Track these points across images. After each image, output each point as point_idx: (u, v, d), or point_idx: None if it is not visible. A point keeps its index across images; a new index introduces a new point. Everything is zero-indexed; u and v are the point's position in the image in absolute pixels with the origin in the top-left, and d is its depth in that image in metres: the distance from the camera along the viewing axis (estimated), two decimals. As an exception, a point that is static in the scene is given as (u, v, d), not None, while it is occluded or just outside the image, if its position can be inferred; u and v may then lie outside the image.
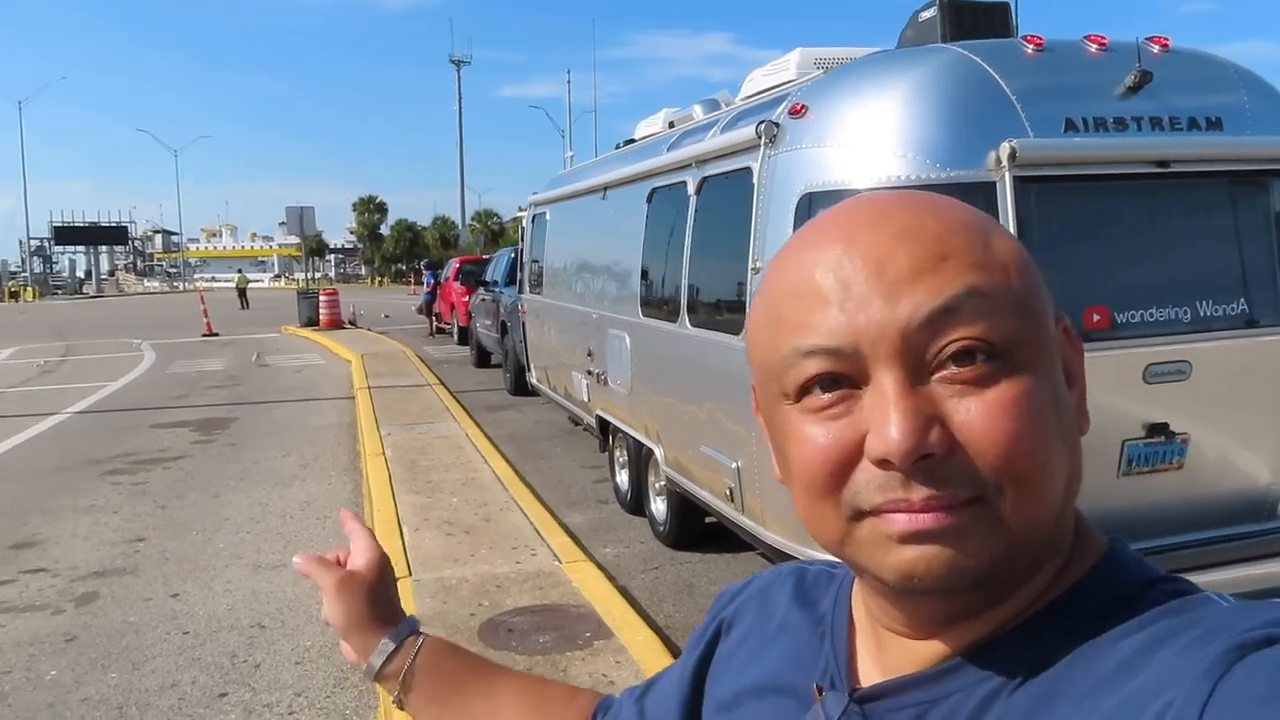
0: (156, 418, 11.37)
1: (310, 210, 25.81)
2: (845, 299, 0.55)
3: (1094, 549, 0.61)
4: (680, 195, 5.10)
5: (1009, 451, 0.53)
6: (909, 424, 0.52)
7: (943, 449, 0.53)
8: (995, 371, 0.54)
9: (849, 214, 0.59)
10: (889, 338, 0.53)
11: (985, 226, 0.58)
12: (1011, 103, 3.57)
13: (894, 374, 0.54)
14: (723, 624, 0.80)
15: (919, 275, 0.54)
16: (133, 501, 7.38)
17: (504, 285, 12.96)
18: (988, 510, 0.54)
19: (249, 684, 4.18)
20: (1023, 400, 0.54)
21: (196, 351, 19.88)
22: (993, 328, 0.54)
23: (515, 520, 6.13)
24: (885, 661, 0.64)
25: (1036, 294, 0.57)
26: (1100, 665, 0.54)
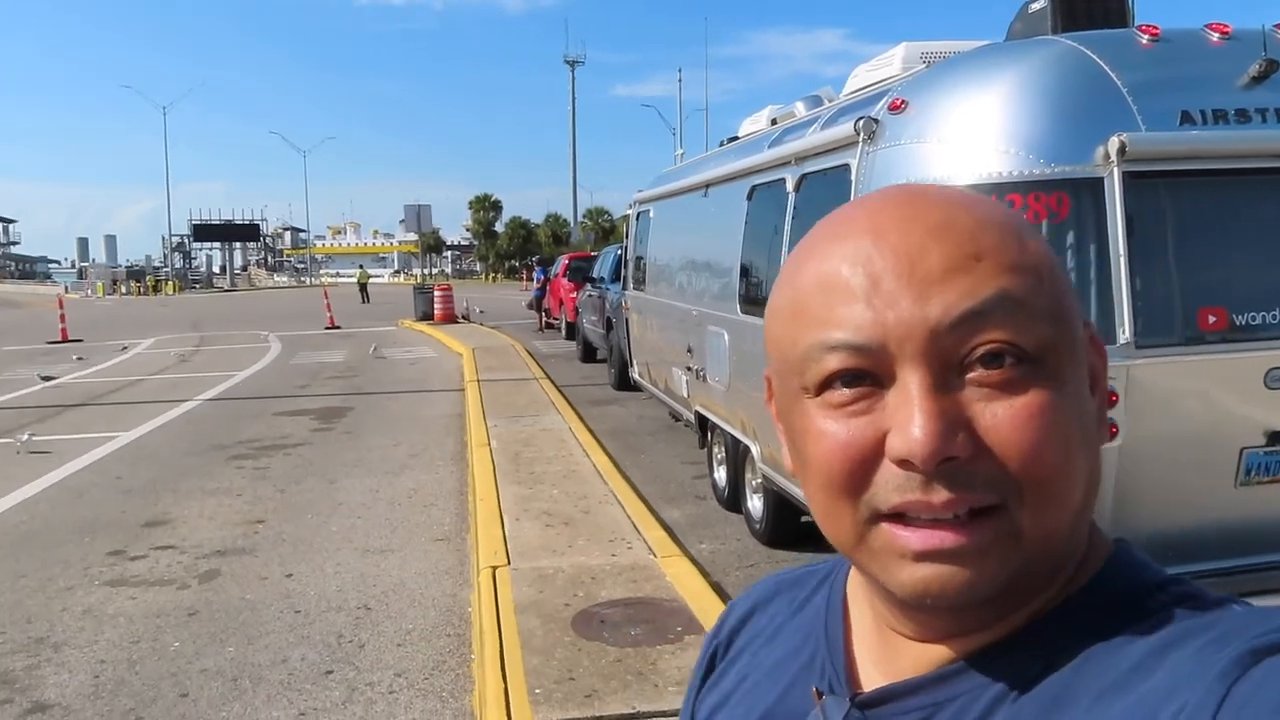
0: (279, 406, 11.93)
1: (427, 208, 26.61)
2: (873, 294, 0.53)
3: (1101, 551, 0.60)
4: (780, 193, 5.07)
5: (1034, 459, 0.52)
6: (934, 425, 0.51)
7: (966, 452, 0.52)
8: (1024, 376, 0.53)
9: (878, 206, 0.57)
10: (917, 338, 0.52)
11: (1018, 226, 0.57)
12: (1123, 95, 3.42)
13: (920, 374, 0.52)
14: (716, 651, 0.78)
15: (951, 274, 0.53)
16: (255, 485, 7.78)
17: (610, 282, 13.10)
18: (1006, 521, 0.53)
19: (353, 663, 4.36)
20: (1050, 408, 0.53)
21: (319, 344, 20.75)
22: (1023, 332, 0.53)
23: (613, 513, 6.20)
24: (888, 663, 0.62)
25: (1066, 299, 0.56)
26: (1111, 668, 0.53)
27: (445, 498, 7.24)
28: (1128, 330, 3.27)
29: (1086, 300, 3.36)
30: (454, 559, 5.80)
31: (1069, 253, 3.37)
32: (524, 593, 4.78)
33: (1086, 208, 3.34)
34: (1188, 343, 3.33)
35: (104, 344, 21.67)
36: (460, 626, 4.76)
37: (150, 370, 16.53)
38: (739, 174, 5.96)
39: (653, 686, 3.73)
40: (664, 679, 3.79)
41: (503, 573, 5.07)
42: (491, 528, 5.90)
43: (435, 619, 4.87)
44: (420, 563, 5.73)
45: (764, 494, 5.68)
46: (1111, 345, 3.29)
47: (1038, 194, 3.37)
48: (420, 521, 6.61)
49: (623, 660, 3.98)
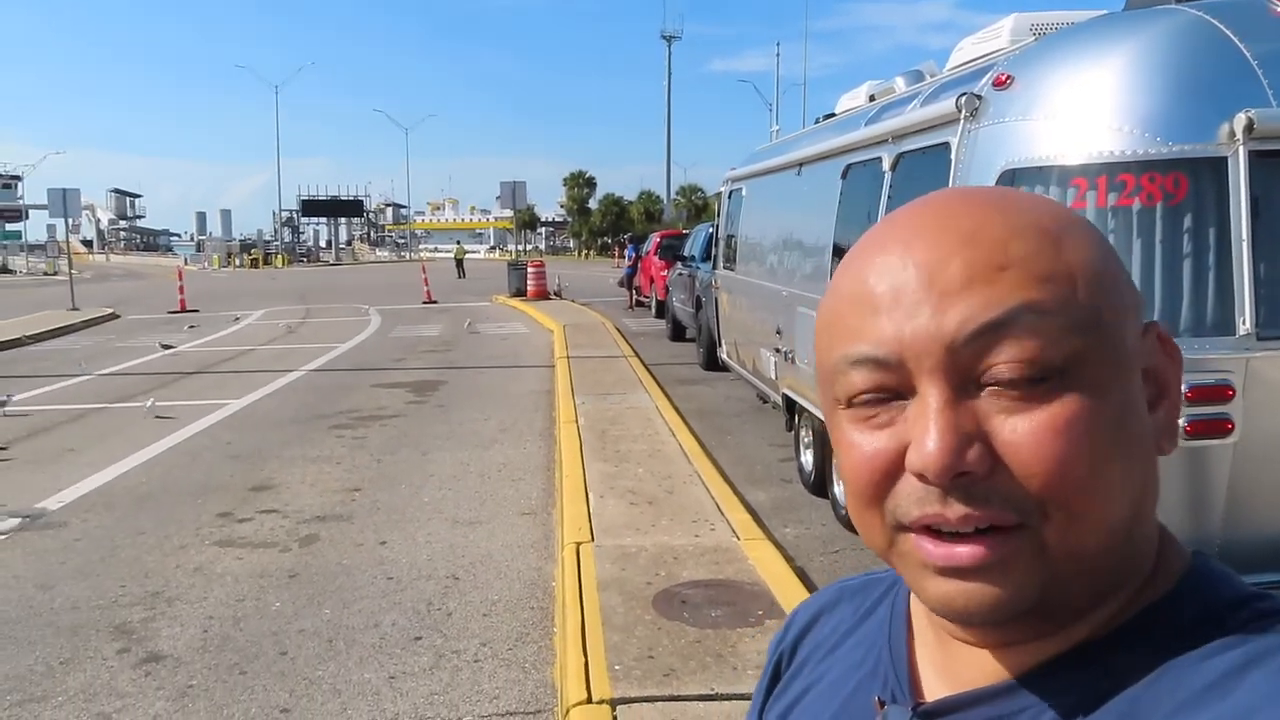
0: (377, 378, 12.26)
1: (522, 185, 26.90)
2: (895, 307, 0.53)
3: (1177, 565, 0.57)
4: (875, 172, 4.93)
5: (1055, 475, 0.50)
6: (946, 441, 0.50)
7: (982, 468, 0.51)
8: (1048, 390, 0.51)
9: (916, 213, 0.56)
10: (934, 351, 0.52)
11: (1060, 229, 0.54)
12: (1252, 68, 3.21)
13: (937, 387, 0.52)
14: (781, 660, 0.78)
15: (971, 285, 0.51)
16: (353, 454, 8.01)
17: (700, 260, 13.03)
18: (1030, 538, 0.51)
19: (441, 630, 4.46)
20: (1076, 421, 0.51)
21: (416, 318, 21.23)
22: (1047, 346, 0.51)
23: (697, 494, 6.18)
24: (951, 673, 0.61)
25: (1111, 305, 0.54)
26: (1186, 686, 0.50)
27: (532, 473, 7.33)
28: (1248, 321, 3.08)
29: (1203, 289, 3.17)
30: (539, 533, 5.87)
31: (1185, 237, 3.19)
32: (606, 570, 4.80)
33: (1206, 189, 3.15)
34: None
35: (218, 314, 22.61)
36: (544, 600, 4.82)
37: (260, 341, 17.18)
38: (834, 152, 5.82)
39: (731, 669, 3.71)
40: (743, 662, 3.76)
41: (586, 549, 5.11)
42: (577, 504, 5.95)
43: (520, 591, 4.94)
44: (507, 535, 5.82)
45: (853, 479, 5.58)
46: (1230, 337, 3.11)
47: (1153, 174, 3.19)
48: (508, 495, 6.71)
49: (702, 641, 3.96)
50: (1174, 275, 3.17)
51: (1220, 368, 3.10)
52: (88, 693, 3.93)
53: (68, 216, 24.31)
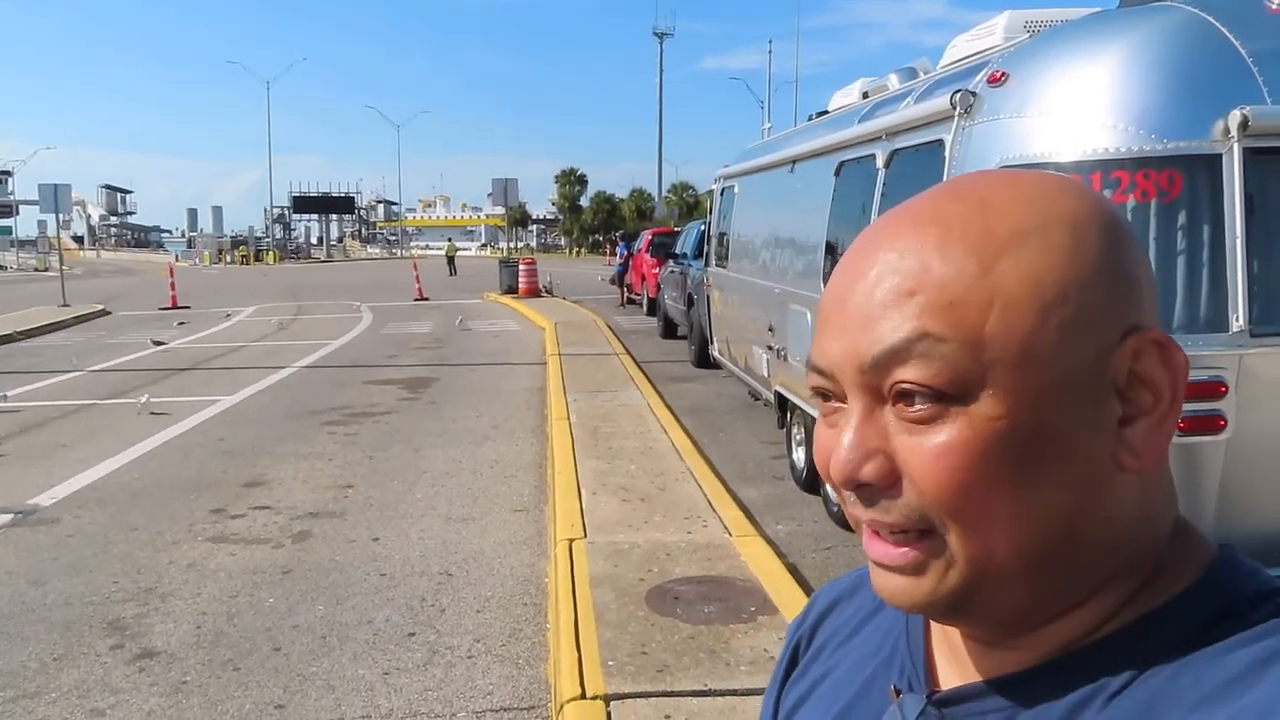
0: (369, 375, 12.23)
1: (514, 182, 26.85)
2: (832, 322, 0.57)
3: (1200, 557, 0.57)
4: (869, 169, 4.94)
5: (940, 496, 0.53)
6: (850, 453, 0.54)
7: (882, 481, 0.54)
8: (939, 413, 0.52)
9: (875, 226, 0.58)
10: (849, 369, 0.55)
11: (1014, 239, 0.52)
12: (1247, 66, 3.22)
13: (856, 400, 0.55)
14: (799, 644, 0.79)
15: (885, 310, 0.54)
16: (345, 451, 7.99)
17: (692, 258, 13.01)
18: (937, 544, 0.54)
19: (434, 626, 4.45)
20: (960, 448, 0.52)
21: (408, 314, 21.19)
22: (941, 372, 0.52)
23: (689, 491, 6.19)
24: (967, 664, 0.61)
25: (1040, 330, 0.51)
26: (1208, 679, 0.50)
27: (525, 469, 7.32)
28: (1242, 317, 3.10)
29: (1197, 286, 3.19)
30: (532, 530, 5.86)
31: (1179, 234, 3.20)
32: (599, 566, 4.80)
33: (1201, 186, 3.17)
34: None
35: (210, 311, 22.53)
36: (537, 596, 4.81)
37: (252, 337, 17.12)
38: (827, 149, 5.83)
39: (724, 665, 3.71)
40: (736, 658, 3.77)
41: (579, 545, 5.11)
42: (569, 501, 5.94)
43: (513, 588, 4.93)
44: (500, 532, 5.81)
45: (846, 476, 5.59)
46: (1223, 333, 3.12)
47: (1147, 171, 3.20)
48: (500, 492, 6.70)
49: (695, 637, 3.97)
50: (1168, 272, 3.18)
51: (1213, 364, 3.12)
52: (81, 689, 3.91)
53: (58, 212, 24.17)
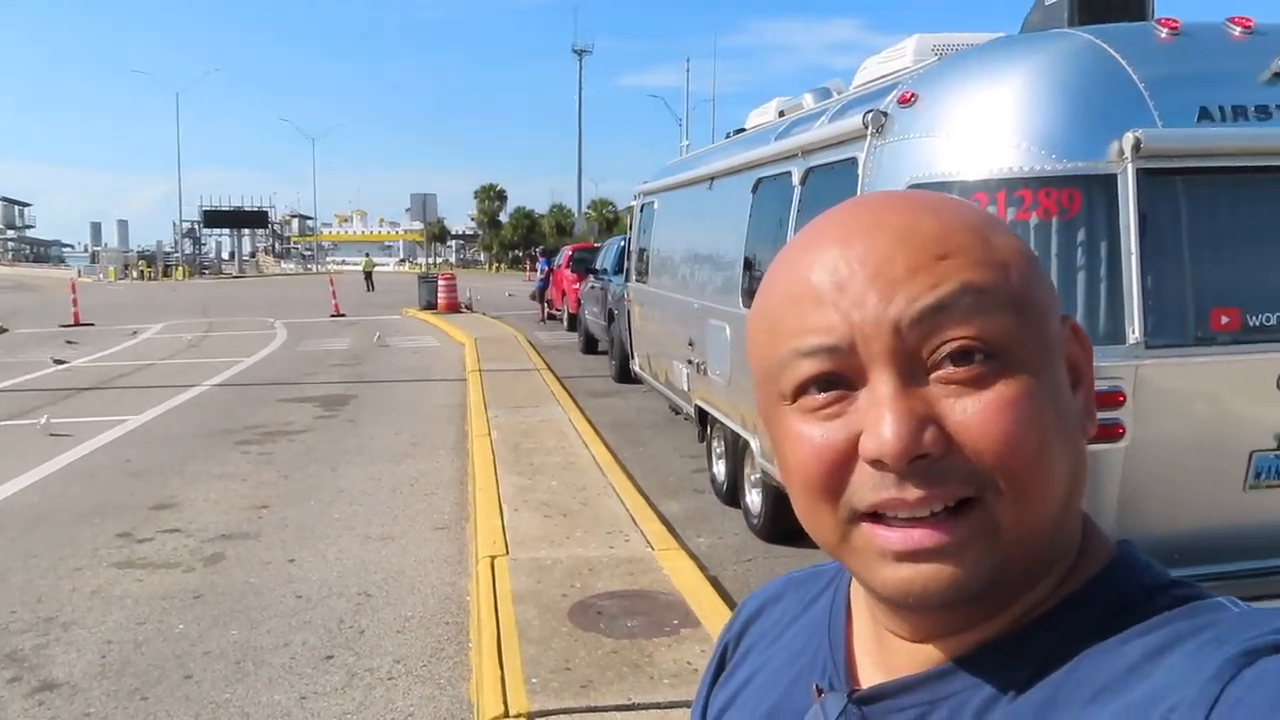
0: (285, 392, 11.94)
1: (433, 197, 26.62)
2: (841, 298, 0.54)
3: (1102, 553, 0.60)
4: (785, 186, 5.04)
5: (1007, 451, 0.52)
6: (903, 425, 0.52)
7: (938, 449, 0.52)
8: (993, 371, 0.53)
9: (846, 216, 0.58)
10: (883, 335, 0.53)
11: (986, 225, 0.57)
12: (1139, 90, 3.38)
13: (889, 372, 0.53)
14: (727, 648, 0.80)
15: (914, 273, 0.53)
16: (260, 470, 7.78)
17: (613, 273, 13.06)
18: (984, 515, 0.53)
19: (353, 648, 4.36)
20: (1021, 400, 0.53)
21: (324, 331, 20.76)
22: (989, 326, 0.53)
23: (611, 505, 6.19)
24: (886, 662, 0.63)
25: (1038, 292, 0.56)
26: (1107, 669, 0.52)
27: (445, 487, 7.23)
28: (1137, 330, 3.24)
29: (1095, 299, 3.33)
30: (453, 548, 5.79)
31: (1079, 250, 3.34)
32: (522, 583, 4.76)
33: (1098, 204, 3.31)
34: (1199, 343, 3.29)
35: (115, 328, 21.69)
36: (459, 615, 4.75)
37: (160, 355, 16.55)
38: (744, 166, 5.92)
39: (648, 679, 3.72)
40: (659, 671, 3.77)
41: (501, 562, 5.06)
42: (491, 517, 5.89)
43: (434, 607, 4.86)
44: (420, 551, 5.72)
45: (763, 488, 5.66)
46: (1120, 345, 3.26)
47: (1049, 190, 3.34)
48: (421, 510, 6.60)
49: (619, 652, 3.96)
50: (1069, 286, 3.31)
51: (1111, 375, 3.25)
52: (-28, 725, 3.72)
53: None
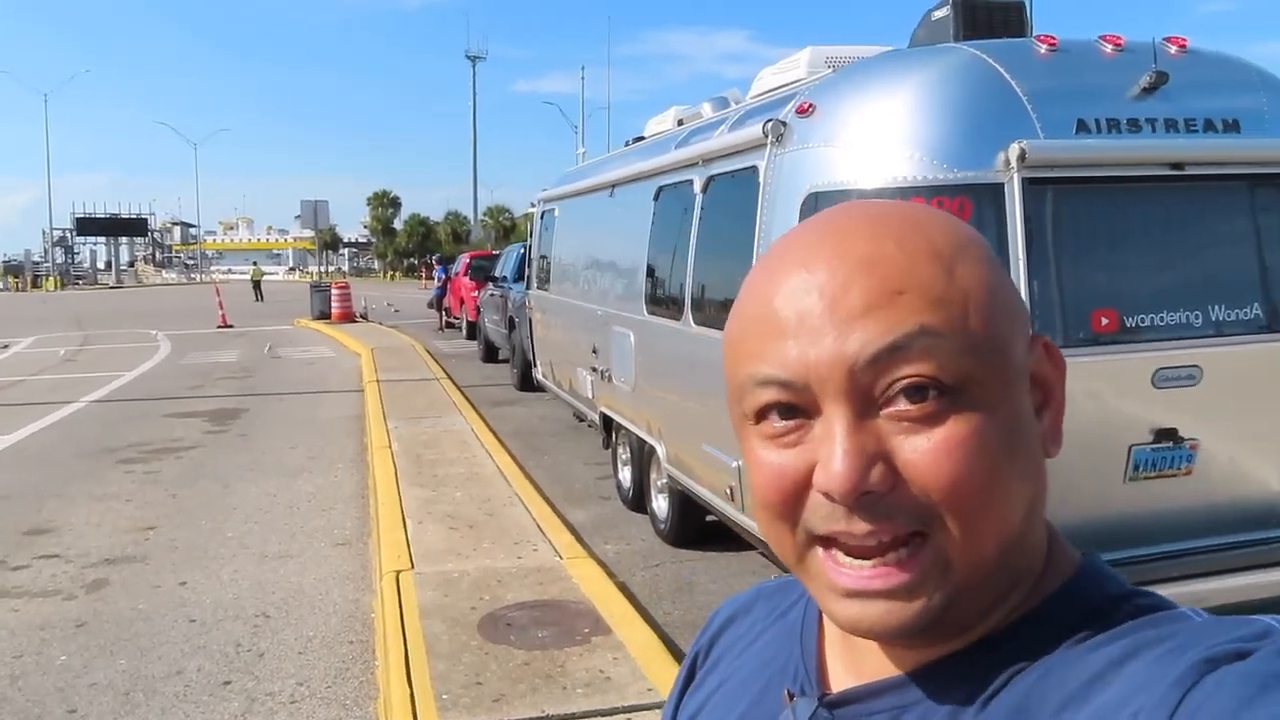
0: (170, 407, 11.45)
1: (325, 204, 25.96)
2: (799, 331, 0.55)
3: (1067, 564, 0.61)
4: (687, 193, 5.09)
5: (954, 491, 0.53)
6: (850, 461, 0.52)
7: (885, 486, 0.53)
8: (944, 409, 0.53)
9: (814, 237, 0.58)
10: (837, 375, 0.53)
11: (953, 253, 0.56)
12: (1023, 103, 3.54)
13: (842, 409, 0.54)
14: (697, 657, 0.80)
15: (871, 310, 0.53)
16: (145, 490, 7.44)
17: (512, 281, 12.96)
18: (933, 552, 0.54)
19: (253, 672, 4.20)
20: (971, 439, 0.53)
21: (211, 343, 20.00)
22: (943, 366, 0.53)
23: (518, 515, 6.13)
24: (858, 667, 0.63)
25: (1000, 325, 0.56)
26: (1072, 679, 0.54)
27: (345, 501, 7.05)
28: (1026, 331, 3.38)
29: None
30: (356, 564, 5.64)
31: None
32: (429, 597, 4.68)
33: (988, 212, 3.44)
34: (1082, 344, 3.45)
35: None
36: (364, 633, 4.63)
37: (31, 370, 15.67)
38: (646, 174, 5.96)
39: (561, 689, 3.69)
40: (572, 681, 3.76)
41: (406, 577, 4.96)
42: (394, 531, 5.77)
43: (337, 625, 4.73)
44: (320, 568, 5.56)
45: (669, 494, 5.70)
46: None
47: (941, 199, 3.46)
48: (319, 526, 6.41)
49: (531, 663, 3.93)
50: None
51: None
52: None
53: None
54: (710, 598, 4.97)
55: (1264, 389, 3.77)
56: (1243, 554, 3.83)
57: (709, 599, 4.96)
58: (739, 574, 5.29)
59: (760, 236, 4.01)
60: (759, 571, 5.25)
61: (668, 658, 3.96)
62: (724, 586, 5.11)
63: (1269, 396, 3.78)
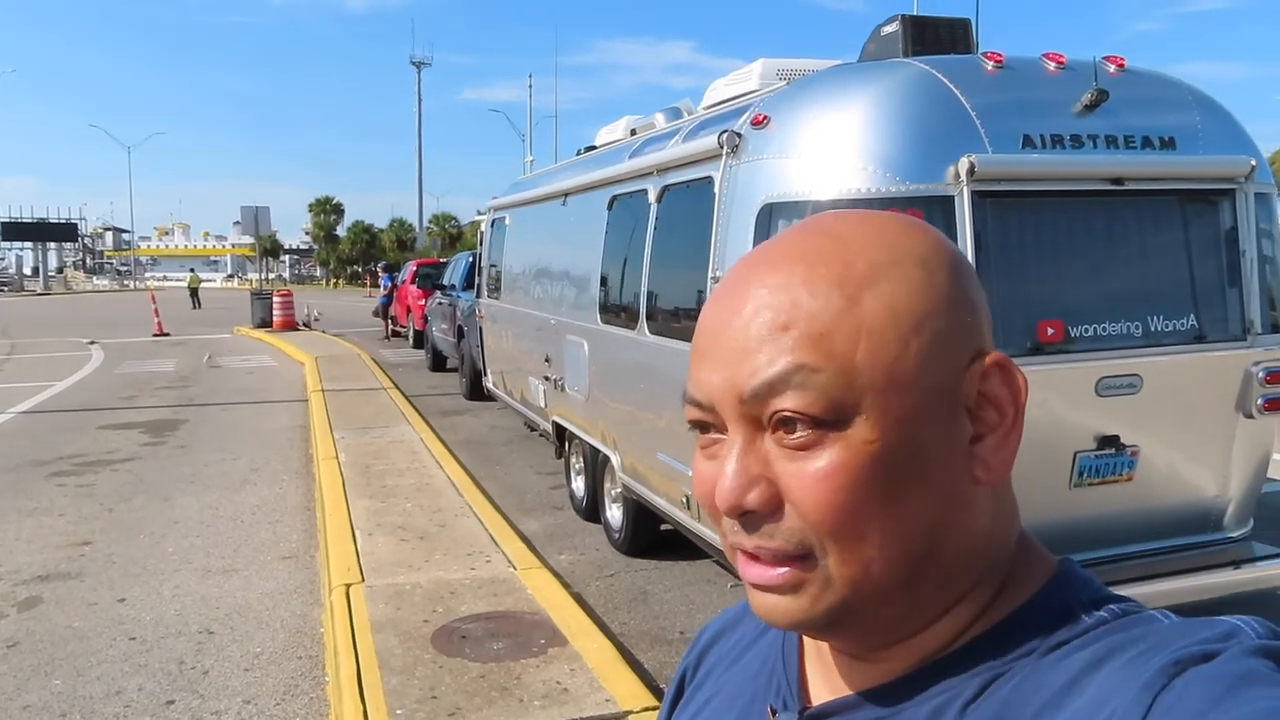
0: (105, 419, 11.13)
1: (266, 210, 25.42)
2: (712, 355, 0.58)
3: (1043, 570, 0.62)
4: (641, 203, 5.10)
5: (823, 519, 0.55)
6: (734, 482, 0.56)
7: (765, 508, 0.56)
8: (818, 439, 0.55)
9: (750, 260, 0.60)
10: (729, 402, 0.57)
11: (870, 278, 0.56)
12: (971, 118, 3.62)
13: (738, 431, 0.57)
14: (685, 674, 0.81)
15: (761, 344, 0.56)
16: (79, 504, 7.21)
17: (461, 289, 12.86)
18: (813, 565, 0.56)
19: (197, 691, 4.09)
20: (839, 471, 0.55)
21: (147, 352, 19.48)
22: (817, 401, 0.55)
23: (470, 526, 6.08)
24: (835, 680, 0.64)
25: (903, 355, 0.55)
26: (1049, 684, 0.54)
27: (291, 513, 6.92)
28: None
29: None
30: (303, 577, 5.53)
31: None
32: (380, 610, 4.61)
33: (938, 224, 3.47)
34: (1029, 354, 3.54)
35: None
36: (313, 648, 4.54)
37: (-49, 380, 15.10)
38: (599, 183, 5.96)
39: (518, 701, 3.66)
40: (529, 693, 3.73)
41: (357, 590, 4.88)
42: (343, 544, 5.67)
43: (285, 641, 4.63)
44: (266, 582, 5.44)
45: (624, 503, 5.69)
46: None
47: (894, 210, 3.51)
48: (265, 539, 6.28)
49: (486, 676, 3.89)
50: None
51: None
52: None
53: None
54: (666, 607, 4.97)
55: (1198, 398, 3.90)
56: (1181, 558, 3.95)
57: (665, 608, 4.96)
58: (694, 582, 5.30)
59: (716, 246, 4.04)
60: (714, 580, 5.27)
61: (625, 668, 3.95)
62: (679, 596, 5.12)
63: (1202, 405, 3.91)
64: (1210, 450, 3.96)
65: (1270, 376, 3.91)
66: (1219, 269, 3.90)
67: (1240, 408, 3.92)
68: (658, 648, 4.46)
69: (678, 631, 4.66)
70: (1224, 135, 3.97)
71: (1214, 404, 3.91)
